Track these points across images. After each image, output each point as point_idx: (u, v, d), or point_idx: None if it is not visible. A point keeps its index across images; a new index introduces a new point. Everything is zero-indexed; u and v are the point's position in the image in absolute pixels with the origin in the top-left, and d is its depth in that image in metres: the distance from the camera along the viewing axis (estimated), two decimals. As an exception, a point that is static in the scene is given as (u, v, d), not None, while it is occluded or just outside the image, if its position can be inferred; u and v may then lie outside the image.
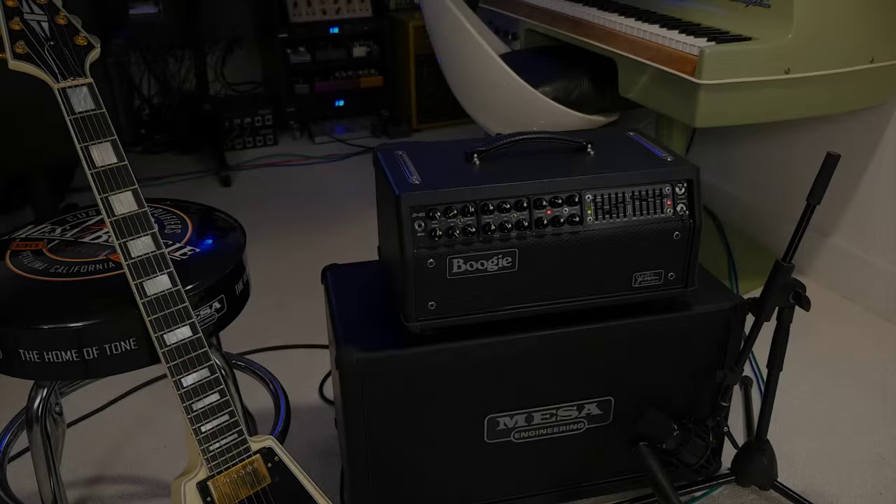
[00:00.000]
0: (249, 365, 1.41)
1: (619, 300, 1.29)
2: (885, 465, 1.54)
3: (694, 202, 1.26)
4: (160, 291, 0.93)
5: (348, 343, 1.25)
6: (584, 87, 2.08)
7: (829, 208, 2.14)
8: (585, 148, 1.32)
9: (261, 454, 0.97)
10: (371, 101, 3.45)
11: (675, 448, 1.35)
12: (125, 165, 0.94)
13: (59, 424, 1.28)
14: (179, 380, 0.92)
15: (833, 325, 2.01)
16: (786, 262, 1.27)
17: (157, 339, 0.92)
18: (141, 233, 0.93)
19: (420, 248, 1.18)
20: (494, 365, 1.29)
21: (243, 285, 1.11)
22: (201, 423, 0.93)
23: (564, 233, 1.22)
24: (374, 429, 1.28)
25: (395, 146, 1.36)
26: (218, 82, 3.57)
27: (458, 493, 1.38)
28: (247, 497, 0.94)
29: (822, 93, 1.74)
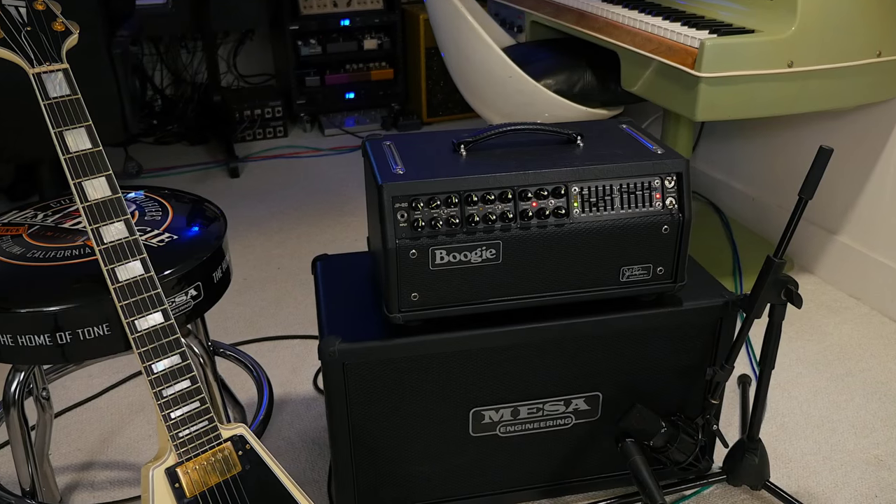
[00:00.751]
0: (236, 354, 1.41)
1: (606, 294, 1.27)
2: (882, 468, 1.51)
3: (683, 196, 1.24)
4: (132, 277, 0.93)
5: (331, 333, 1.24)
6: (588, 80, 2.06)
7: (836, 206, 2.11)
8: (575, 140, 1.31)
9: (231, 442, 0.97)
10: (382, 93, 3.44)
11: (662, 445, 1.33)
12: (100, 151, 0.94)
13: (46, 410, 1.29)
14: (150, 366, 0.92)
15: (838, 325, 1.97)
16: (777, 258, 1.24)
17: (128, 324, 0.92)
18: (114, 218, 0.93)
19: (402, 239, 1.17)
20: (479, 358, 1.28)
21: (222, 273, 1.11)
22: (171, 409, 0.93)
23: (550, 225, 1.20)
24: (358, 419, 1.28)
25: (385, 137, 1.35)
26: (230, 74, 3.58)
27: (444, 485, 1.38)
28: (216, 484, 0.94)
29: (827, 87, 1.71)
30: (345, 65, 3.39)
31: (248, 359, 1.40)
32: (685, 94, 1.69)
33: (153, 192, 1.21)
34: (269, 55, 3.64)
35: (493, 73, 2.00)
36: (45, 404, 1.27)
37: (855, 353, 1.86)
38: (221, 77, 3.55)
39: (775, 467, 1.52)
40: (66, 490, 1.48)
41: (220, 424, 0.97)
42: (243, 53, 3.58)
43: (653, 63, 1.77)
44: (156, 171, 3.04)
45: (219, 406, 1.18)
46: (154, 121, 3.38)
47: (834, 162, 2.09)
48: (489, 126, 1.30)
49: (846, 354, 1.86)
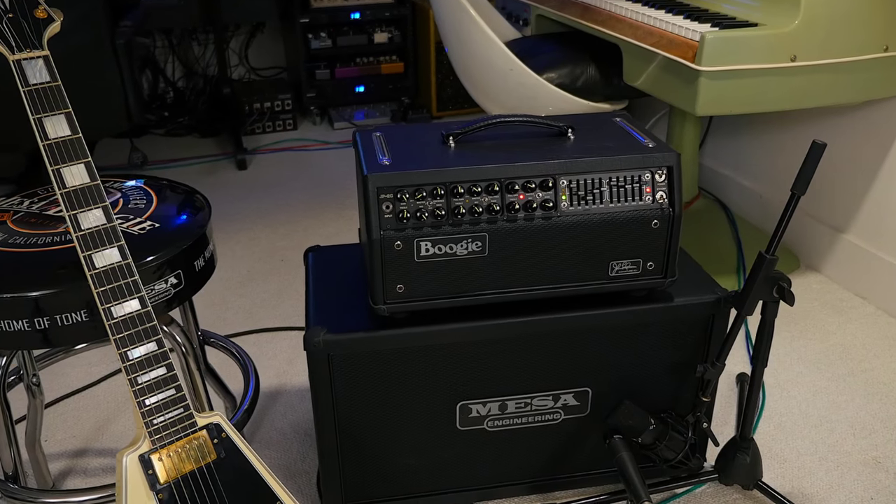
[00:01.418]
0: (225, 344, 1.42)
1: (595, 289, 1.26)
2: (879, 469, 1.49)
3: (674, 190, 1.22)
4: (109, 264, 0.93)
5: (317, 324, 1.24)
6: (591, 73, 2.04)
7: (843, 203, 2.07)
8: (566, 132, 1.29)
9: (207, 430, 0.97)
10: (391, 87, 3.44)
11: (651, 442, 1.32)
12: (79, 138, 0.95)
13: (36, 396, 1.30)
14: (125, 352, 0.93)
15: (842, 324, 1.94)
16: (769, 254, 1.22)
17: (104, 311, 0.92)
18: (92, 205, 0.93)
19: (387, 230, 1.16)
20: (466, 351, 1.27)
21: (205, 262, 1.11)
22: (146, 396, 0.93)
23: (537, 218, 1.19)
24: (344, 410, 1.28)
25: (375, 128, 1.35)
26: (242, 66, 3.60)
27: (432, 479, 1.37)
28: (190, 471, 0.95)
29: (831, 82, 1.68)
30: (355, 58, 3.39)
31: (237, 349, 1.41)
32: (686, 88, 1.67)
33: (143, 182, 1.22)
34: (280, 48, 3.65)
35: (494, 66, 1.99)
36: (35, 391, 1.28)
37: (858, 353, 1.83)
38: (233, 70, 3.57)
39: (770, 467, 1.50)
40: (59, 476, 1.50)
41: (197, 413, 0.97)
42: (255, 46, 3.60)
43: (654, 57, 1.75)
44: (164, 162, 3.06)
45: (201, 395, 1.18)
46: (165, 113, 3.40)
47: (841, 159, 2.06)
48: (479, 118, 1.29)
49: (849, 354, 1.83)
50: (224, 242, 2.41)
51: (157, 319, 1.11)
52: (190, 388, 1.17)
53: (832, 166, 2.09)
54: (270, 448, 1.56)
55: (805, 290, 2.09)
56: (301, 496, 1.44)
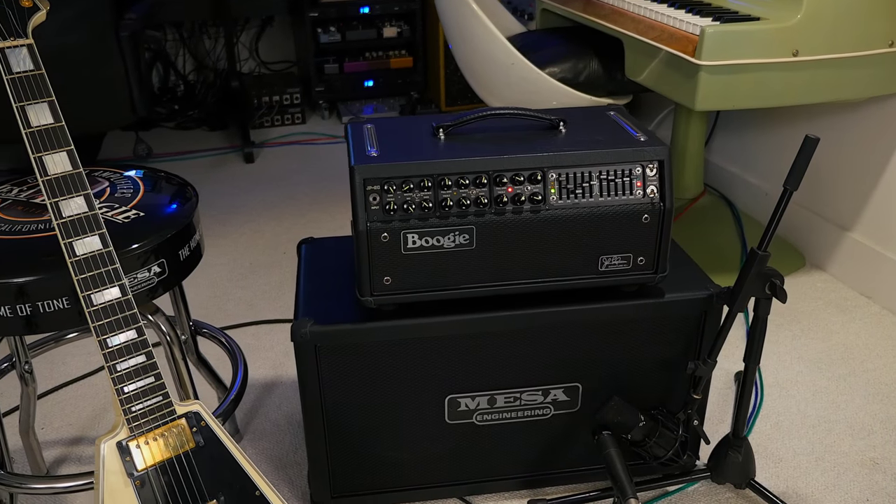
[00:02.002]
0: (215, 333, 1.42)
1: (585, 284, 1.25)
2: (877, 471, 1.47)
3: (665, 184, 1.21)
4: (90, 252, 0.93)
5: (305, 315, 1.24)
6: (594, 68, 2.03)
7: (849, 202, 2.04)
8: (557, 126, 1.28)
9: (186, 418, 0.97)
10: (400, 82, 3.44)
11: (641, 439, 1.30)
12: (62, 126, 0.95)
13: (29, 384, 1.31)
14: (105, 340, 0.93)
15: (845, 323, 1.92)
16: (761, 250, 1.21)
17: (84, 298, 0.93)
18: (73, 193, 0.94)
19: (374, 222, 1.16)
20: (454, 345, 1.27)
21: (190, 251, 1.11)
22: (124, 383, 0.93)
23: (525, 211, 1.19)
24: (331, 402, 1.28)
25: (367, 120, 1.34)
26: (252, 60, 3.61)
27: (422, 472, 1.37)
28: (167, 459, 0.95)
29: (835, 78, 1.66)
30: (364, 52, 3.39)
31: (227, 339, 1.41)
32: (686, 82, 1.65)
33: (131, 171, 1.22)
34: (291, 43, 3.66)
35: (496, 61, 1.98)
36: (27, 378, 1.29)
37: (860, 353, 1.81)
38: (243, 63, 3.58)
39: (765, 466, 1.48)
40: (54, 463, 1.51)
41: (176, 401, 0.97)
42: (266, 41, 3.61)
43: (655, 51, 1.74)
44: (172, 155, 3.08)
45: (186, 384, 1.18)
46: (175, 106, 3.42)
47: (848, 156, 2.03)
48: (471, 110, 1.29)
49: (851, 354, 1.80)
50: (228, 235, 2.42)
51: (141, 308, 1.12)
52: (175, 378, 1.18)
53: (839, 164, 2.06)
54: (264, 439, 1.57)
55: (809, 288, 2.07)
56: (292, 487, 1.45)
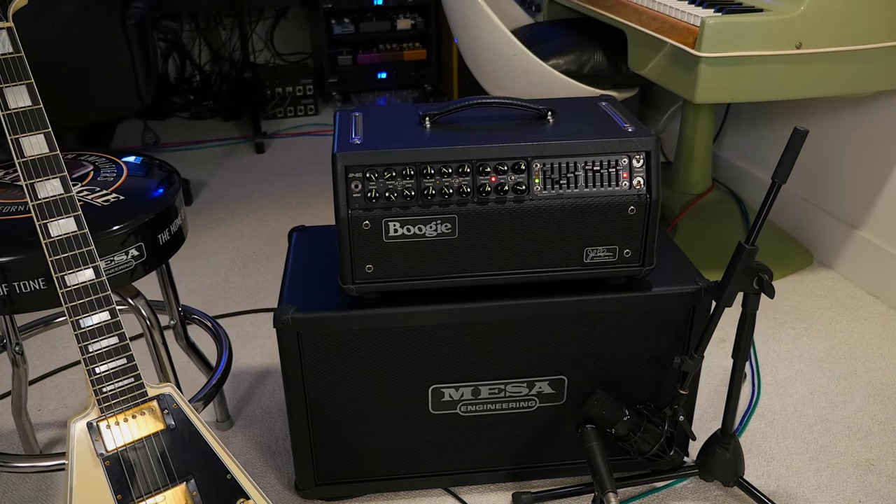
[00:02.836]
0: (202, 318, 1.43)
1: (569, 275, 1.24)
2: (872, 472, 1.44)
3: (652, 176, 1.19)
4: (64, 233, 0.94)
5: (289, 302, 1.24)
6: (598, 61, 2.01)
7: (859, 199, 2.00)
8: (545, 115, 1.27)
9: (157, 400, 0.98)
10: (414, 74, 3.43)
11: (626, 434, 1.29)
12: (39, 109, 0.96)
13: (20, 366, 1.33)
14: (77, 321, 0.94)
15: (850, 323, 1.88)
16: (749, 244, 1.19)
17: (58, 279, 0.94)
18: (49, 175, 0.95)
19: (355, 209, 1.16)
20: (437, 334, 1.26)
21: (170, 236, 1.12)
22: (96, 364, 0.94)
23: (508, 201, 1.18)
24: (315, 390, 1.28)
25: (356, 108, 1.34)
26: (268, 51, 3.63)
27: (406, 462, 1.37)
28: (137, 440, 0.96)
29: (839, 71, 1.62)
30: (377, 44, 3.39)
31: (214, 324, 1.42)
32: (686, 74, 1.63)
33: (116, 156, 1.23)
34: (306, 34, 3.67)
35: (498, 52, 1.97)
36: (18, 360, 1.31)
37: (863, 353, 1.77)
38: (258, 55, 3.60)
39: (757, 465, 1.46)
40: (48, 444, 1.53)
41: (149, 383, 0.98)
42: (282, 32, 3.62)
43: (657, 43, 1.71)
44: (185, 144, 3.10)
45: (166, 367, 1.19)
46: (191, 96, 3.45)
47: (858, 153, 1.99)
48: (458, 99, 1.28)
49: (854, 354, 1.77)
50: (234, 224, 2.44)
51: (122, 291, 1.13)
52: (155, 361, 1.19)
53: (848, 160, 2.02)
54: (254, 426, 1.58)
55: (816, 286, 2.03)
56: (279, 474, 1.45)
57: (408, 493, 1.40)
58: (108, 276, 1.05)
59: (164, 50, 3.47)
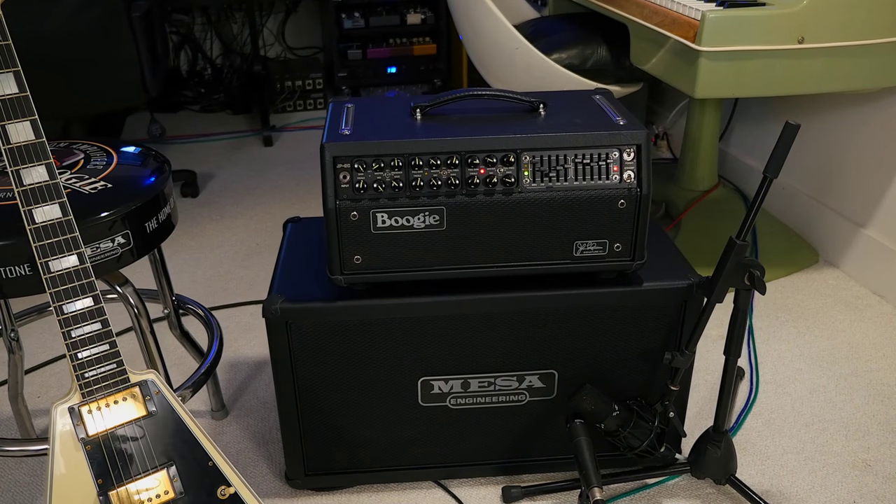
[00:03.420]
0: (195, 307, 1.44)
1: (559, 269, 1.23)
2: (868, 472, 1.42)
3: (642, 169, 1.18)
4: (49, 220, 0.95)
5: (279, 292, 1.25)
6: (601, 55, 1.99)
7: (866, 197, 1.98)
8: (537, 108, 1.26)
9: (140, 386, 0.98)
10: (423, 68, 3.43)
11: (615, 429, 1.28)
12: (26, 97, 0.96)
13: (15, 352, 1.34)
14: (60, 306, 0.95)
15: (853, 322, 1.86)
16: (740, 240, 1.17)
17: (42, 265, 0.94)
18: (35, 162, 0.95)
19: (343, 200, 1.16)
20: (427, 327, 1.26)
21: (158, 224, 1.12)
22: (78, 349, 0.95)
23: (497, 194, 1.17)
24: (305, 381, 1.28)
25: (350, 99, 1.34)
26: (279, 45, 3.64)
27: (395, 454, 1.37)
28: (118, 425, 0.96)
29: (843, 66, 1.60)
30: (388, 39, 3.38)
31: (206, 313, 1.43)
32: (686, 69, 1.61)
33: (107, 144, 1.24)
34: (317, 28, 3.68)
35: (500, 45, 1.96)
36: (13, 346, 1.32)
37: (866, 353, 1.75)
38: (269, 48, 3.62)
39: (751, 463, 1.45)
40: (44, 430, 1.55)
41: (132, 369, 0.99)
42: (294, 26, 3.63)
43: (658, 37, 1.70)
44: (194, 136, 3.12)
45: (154, 354, 1.20)
46: (202, 89, 3.47)
47: (865, 150, 1.96)
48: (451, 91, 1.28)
49: (855, 353, 1.75)
50: (239, 216, 2.45)
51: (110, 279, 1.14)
52: (143, 348, 1.19)
53: (855, 158, 1.99)
54: (249, 415, 1.59)
55: (821, 285, 2.01)
56: (271, 463, 1.46)
57: (398, 485, 1.40)
58: (94, 263, 1.06)
59: (175, 43, 3.49)
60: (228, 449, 1.50)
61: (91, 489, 0.95)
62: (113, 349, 0.97)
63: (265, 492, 1.40)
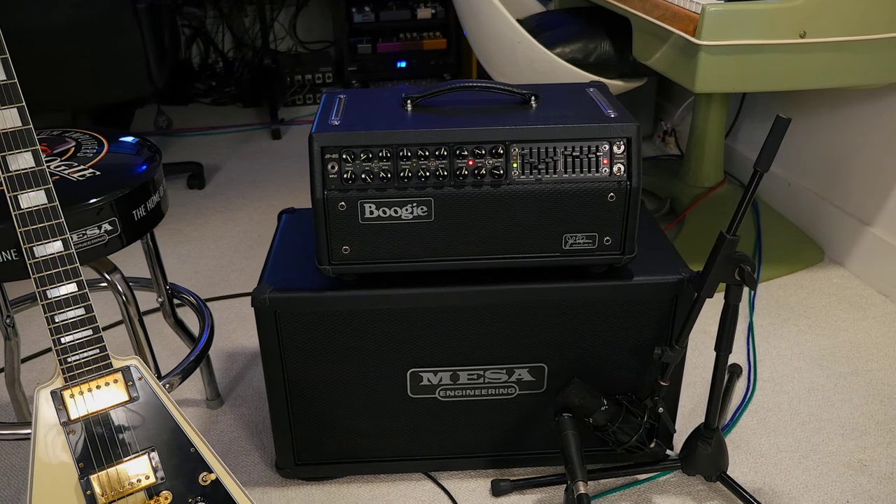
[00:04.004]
0: (188, 295, 1.45)
1: (548, 262, 1.23)
2: (863, 472, 1.40)
3: (633, 163, 1.18)
4: (34, 206, 0.96)
5: (268, 281, 1.25)
6: (605, 49, 1.98)
7: (872, 195, 1.95)
8: (528, 100, 1.26)
9: (122, 372, 0.99)
10: (433, 63, 3.42)
11: (603, 424, 1.28)
12: (14, 84, 0.97)
13: (11, 338, 1.36)
14: (44, 291, 0.96)
15: (856, 321, 1.83)
16: (730, 234, 1.16)
17: (26, 250, 0.95)
18: (22, 148, 0.96)
19: (331, 190, 1.16)
20: (416, 318, 1.26)
21: (146, 212, 1.13)
22: (61, 334, 0.96)
23: (485, 185, 1.17)
24: (294, 370, 1.29)
25: (343, 90, 1.35)
26: (290, 39, 3.65)
27: (385, 445, 1.37)
28: (100, 410, 0.97)
29: (846, 61, 1.58)
30: (397, 33, 3.38)
31: (198, 301, 1.44)
32: (686, 63, 1.60)
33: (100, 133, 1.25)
34: (329, 22, 3.69)
35: (502, 39, 1.95)
36: (9, 332, 1.34)
37: (867, 352, 1.73)
38: (280, 42, 3.63)
39: (744, 461, 1.43)
40: (42, 417, 1.56)
41: (115, 355, 0.99)
42: (306, 20, 3.64)
43: (659, 30, 1.68)
44: (203, 129, 3.14)
45: (142, 341, 1.21)
46: (213, 82, 3.49)
47: (872, 147, 1.93)
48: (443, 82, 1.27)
49: (857, 353, 1.73)
50: (244, 207, 2.46)
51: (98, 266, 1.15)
52: (131, 336, 1.20)
53: (862, 155, 1.97)
54: (244, 405, 1.60)
55: (825, 283, 1.99)
56: (263, 453, 1.47)
57: (388, 476, 1.40)
58: (81, 250, 1.07)
59: (188, 36, 3.51)
60: (222, 437, 1.51)
61: (72, 473, 0.96)
62: (96, 334, 0.98)
63: (256, 481, 1.41)
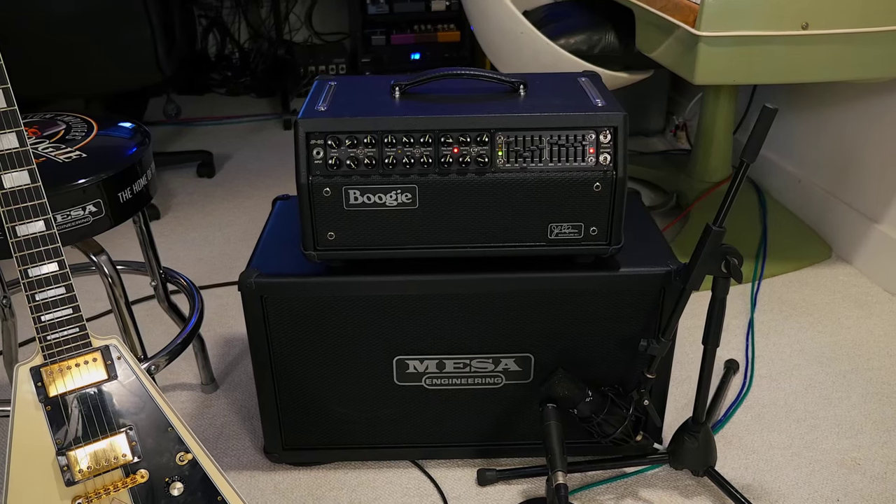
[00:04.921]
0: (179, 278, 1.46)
1: (533, 251, 1.22)
2: (856, 471, 1.38)
3: (619, 152, 1.17)
4: (17, 186, 0.97)
5: (256, 266, 1.26)
6: (609, 41, 1.97)
7: (881, 192, 1.91)
8: (517, 89, 1.25)
9: (101, 351, 1.01)
10: (447, 56, 3.41)
11: (588, 415, 1.27)
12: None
13: (7, 318, 1.38)
14: (25, 270, 0.97)
15: (860, 319, 1.80)
16: (716, 226, 1.15)
17: (9, 229, 0.97)
18: (6, 129, 0.98)
19: (316, 176, 1.17)
20: (401, 305, 1.26)
21: (132, 195, 1.14)
22: (41, 312, 0.97)
23: (470, 173, 1.17)
24: (281, 356, 1.30)
25: (334, 77, 1.35)
26: (306, 30, 3.67)
27: (371, 432, 1.38)
28: (79, 388, 0.99)
29: (849, 54, 1.55)
30: (412, 25, 3.38)
31: (190, 285, 1.45)
32: (686, 54, 1.58)
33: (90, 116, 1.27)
34: (345, 13, 3.70)
35: (506, 30, 1.94)
36: (5, 312, 1.36)
37: (868, 351, 1.70)
38: (296, 33, 3.65)
39: (734, 457, 1.42)
40: (41, 397, 1.59)
41: (95, 334, 1.01)
42: (321, 11, 3.66)
43: (661, 21, 1.67)
44: (216, 118, 3.17)
45: (128, 322, 1.22)
46: (228, 72, 3.52)
47: (881, 144, 1.90)
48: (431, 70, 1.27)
49: (858, 351, 1.70)
50: (253, 196, 2.48)
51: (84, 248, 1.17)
52: (117, 317, 1.22)
53: (871, 151, 1.93)
54: (238, 390, 1.61)
55: (830, 281, 1.96)
56: (253, 437, 1.48)
57: (374, 463, 1.41)
58: (65, 231, 1.08)
59: (204, 27, 3.54)
60: (214, 422, 1.52)
61: (50, 449, 0.97)
62: (76, 313, 0.99)
63: (245, 464, 1.42)
